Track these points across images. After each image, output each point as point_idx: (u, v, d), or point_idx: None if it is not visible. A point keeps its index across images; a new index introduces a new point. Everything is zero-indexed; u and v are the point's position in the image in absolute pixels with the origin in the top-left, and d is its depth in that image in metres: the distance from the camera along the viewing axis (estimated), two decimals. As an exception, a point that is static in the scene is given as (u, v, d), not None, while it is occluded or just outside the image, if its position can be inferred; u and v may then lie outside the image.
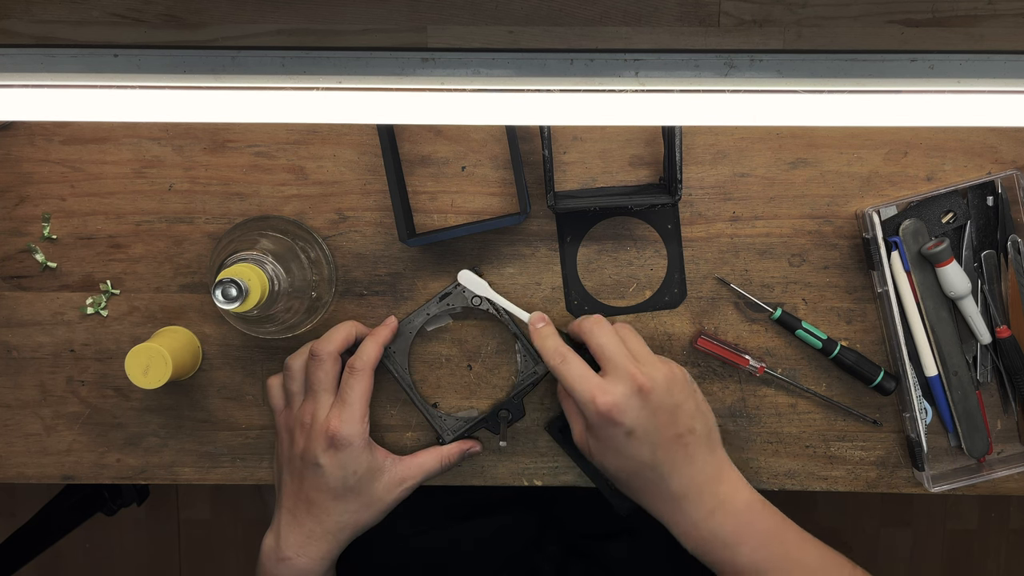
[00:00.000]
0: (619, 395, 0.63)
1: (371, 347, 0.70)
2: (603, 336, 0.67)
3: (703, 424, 0.67)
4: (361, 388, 0.68)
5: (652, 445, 0.64)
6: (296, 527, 0.69)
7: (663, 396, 0.64)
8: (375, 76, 0.49)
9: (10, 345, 0.75)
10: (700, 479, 0.65)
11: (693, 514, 0.65)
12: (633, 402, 0.64)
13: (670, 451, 0.65)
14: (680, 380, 0.66)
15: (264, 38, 0.70)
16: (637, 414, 0.64)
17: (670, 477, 0.65)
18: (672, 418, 0.65)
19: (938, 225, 0.72)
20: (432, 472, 0.73)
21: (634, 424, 0.63)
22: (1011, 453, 0.75)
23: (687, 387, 0.67)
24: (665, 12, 0.69)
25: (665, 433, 0.64)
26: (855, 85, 0.49)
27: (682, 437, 0.65)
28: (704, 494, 0.65)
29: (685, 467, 0.65)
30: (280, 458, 0.72)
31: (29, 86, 0.49)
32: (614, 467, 0.66)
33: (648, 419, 0.64)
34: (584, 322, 0.68)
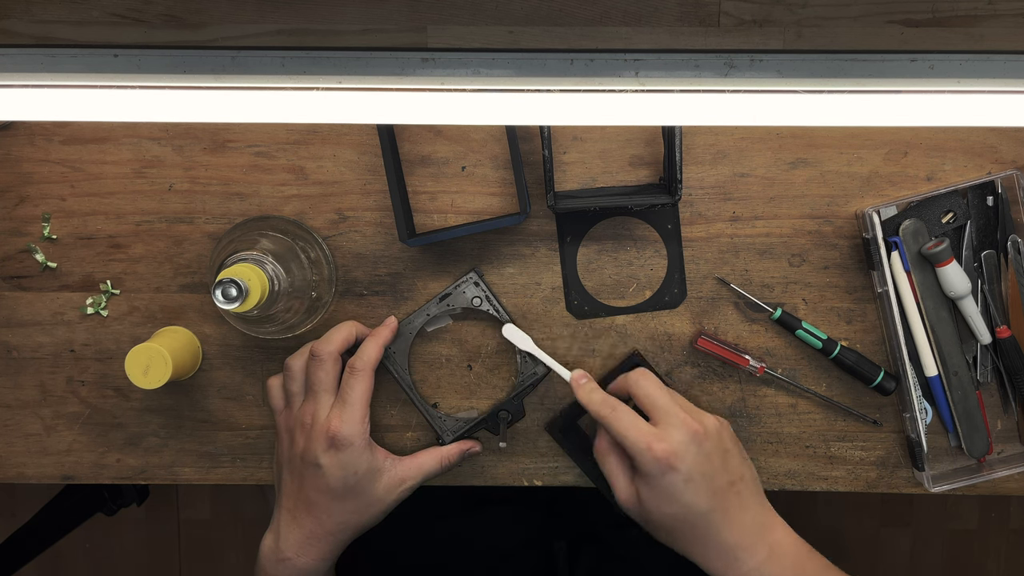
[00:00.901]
0: (676, 441, 0.64)
1: (372, 347, 0.70)
2: (651, 387, 0.67)
3: (750, 472, 0.68)
4: (362, 388, 0.68)
5: (709, 492, 0.64)
6: (296, 527, 0.69)
7: (716, 442, 0.65)
8: (375, 76, 0.49)
9: (10, 345, 0.75)
10: (752, 527, 0.65)
11: (747, 563, 0.65)
12: (691, 448, 0.64)
13: (725, 498, 0.65)
14: (727, 428, 0.68)
15: (264, 38, 0.70)
16: (694, 459, 0.64)
17: (724, 525, 0.65)
18: (725, 464, 0.65)
19: (938, 225, 0.72)
20: (432, 472, 0.73)
21: (691, 470, 0.63)
22: (1011, 453, 0.75)
23: (733, 435, 0.68)
24: (665, 12, 0.69)
25: (720, 480, 0.65)
26: (855, 85, 0.49)
27: (735, 484, 0.65)
28: (757, 543, 0.65)
29: (738, 515, 0.65)
30: (280, 458, 0.72)
31: (29, 86, 0.49)
32: (669, 517, 0.65)
33: (704, 464, 0.64)
34: (630, 375, 0.69)
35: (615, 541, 0.85)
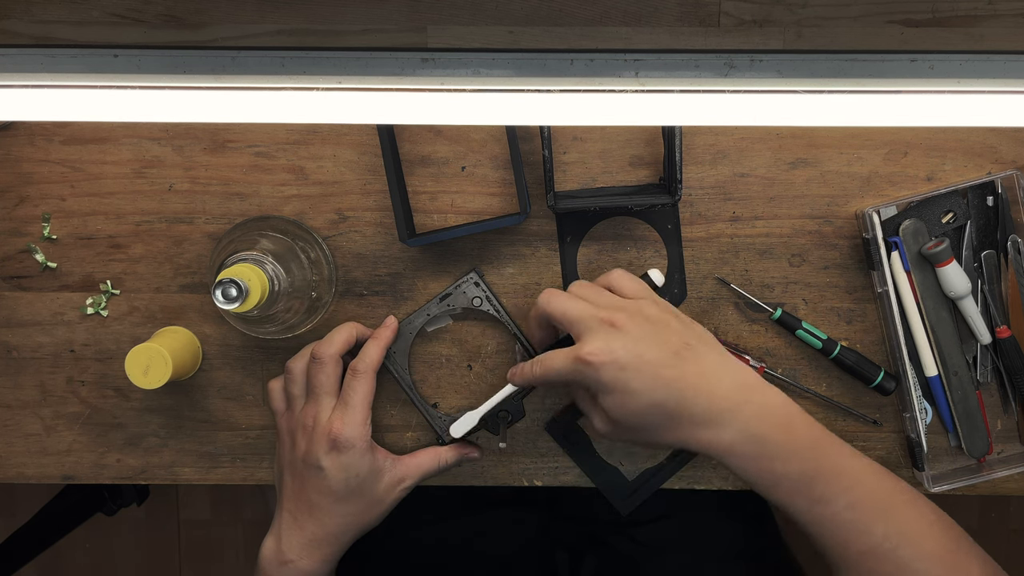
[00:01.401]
0: (596, 341, 0.61)
1: (373, 349, 0.70)
2: (562, 303, 0.64)
3: (697, 337, 0.63)
4: (364, 390, 0.69)
5: (652, 369, 0.60)
6: (297, 530, 0.69)
7: (638, 323, 0.61)
8: (375, 76, 0.49)
9: (10, 345, 0.75)
10: (722, 390, 0.61)
11: (734, 425, 0.60)
12: (612, 339, 0.60)
13: (676, 370, 0.60)
14: (649, 304, 0.63)
15: (264, 38, 0.70)
16: (622, 347, 0.60)
17: (694, 397, 0.60)
18: (658, 338, 0.61)
19: (938, 225, 0.72)
20: (430, 472, 0.73)
21: (622, 357, 0.60)
22: (1011, 453, 0.75)
23: (661, 307, 0.64)
24: (665, 12, 0.69)
25: (659, 353, 0.61)
26: (855, 85, 0.49)
27: (679, 353, 0.61)
28: (737, 404, 0.60)
29: (702, 382, 0.61)
30: (281, 460, 0.72)
31: (29, 86, 0.49)
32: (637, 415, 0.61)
33: (633, 346, 0.60)
34: (538, 300, 0.66)
35: (618, 542, 0.85)
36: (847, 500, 0.61)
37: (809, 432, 0.62)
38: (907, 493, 0.63)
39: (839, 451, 0.63)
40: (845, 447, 0.63)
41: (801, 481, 0.61)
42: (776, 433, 0.61)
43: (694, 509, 0.86)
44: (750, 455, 0.61)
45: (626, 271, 0.67)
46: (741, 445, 0.60)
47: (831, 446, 0.62)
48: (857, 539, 0.61)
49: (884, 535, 0.60)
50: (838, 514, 0.61)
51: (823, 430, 0.63)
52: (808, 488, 0.61)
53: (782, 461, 0.61)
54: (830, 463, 0.61)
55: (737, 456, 0.61)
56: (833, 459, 0.62)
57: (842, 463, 0.62)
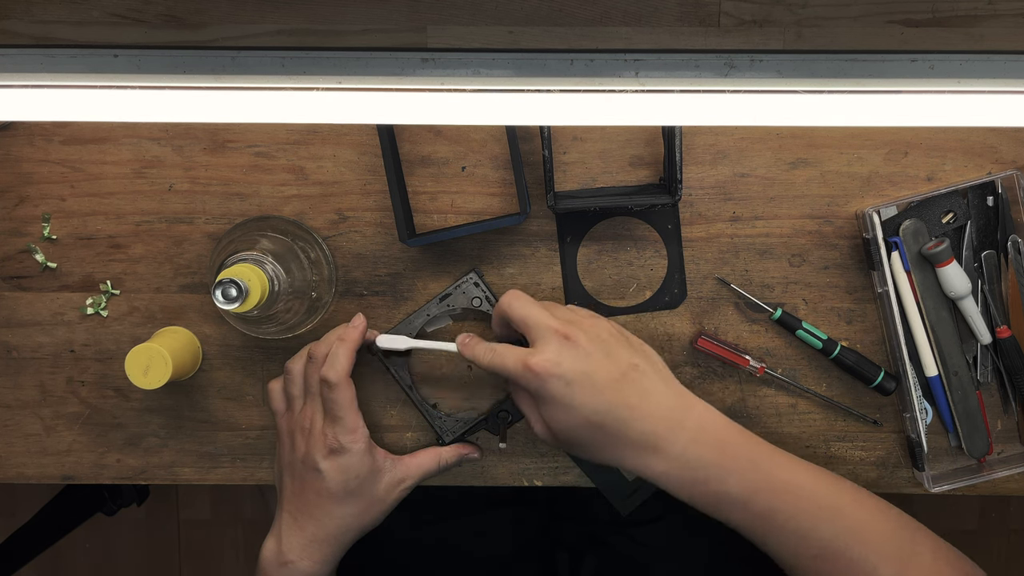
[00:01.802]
0: (548, 352, 0.61)
1: (342, 355, 0.69)
2: (522, 307, 0.65)
3: (645, 360, 0.64)
4: (344, 398, 0.68)
5: (597, 389, 0.61)
6: (298, 531, 0.69)
7: (591, 341, 0.62)
8: (375, 76, 0.49)
9: (10, 345, 0.75)
10: (662, 413, 0.62)
11: (668, 452, 0.61)
12: (564, 352, 0.61)
13: (619, 392, 0.61)
14: (605, 326, 0.64)
15: (264, 38, 0.70)
16: (571, 362, 0.61)
17: (631, 420, 0.61)
18: (608, 358, 0.62)
19: (938, 225, 0.72)
20: (430, 472, 0.73)
21: (569, 372, 0.61)
22: (1011, 453, 0.75)
23: (615, 330, 0.65)
24: (665, 12, 0.69)
25: (606, 373, 0.62)
26: (855, 85, 0.49)
27: (626, 375, 0.62)
28: (673, 429, 0.61)
29: (642, 404, 0.62)
30: (281, 461, 0.72)
31: (29, 86, 0.49)
32: (574, 429, 0.62)
33: (582, 363, 0.61)
34: (501, 301, 0.67)
35: (618, 543, 0.85)
36: (791, 510, 0.62)
37: (745, 449, 0.63)
38: (851, 492, 0.64)
39: (778, 463, 0.63)
40: (783, 457, 0.64)
41: (741, 498, 0.62)
42: (711, 455, 0.62)
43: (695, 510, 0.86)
44: (686, 480, 0.62)
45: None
46: (677, 471, 0.62)
47: (769, 459, 0.63)
48: (806, 545, 0.62)
49: (832, 536, 0.61)
50: (784, 525, 0.62)
51: (760, 444, 0.64)
52: (749, 504, 0.62)
53: (719, 482, 0.62)
54: (769, 477, 0.62)
55: (673, 480, 0.62)
56: (772, 472, 0.63)
57: (781, 475, 0.63)
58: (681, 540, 0.86)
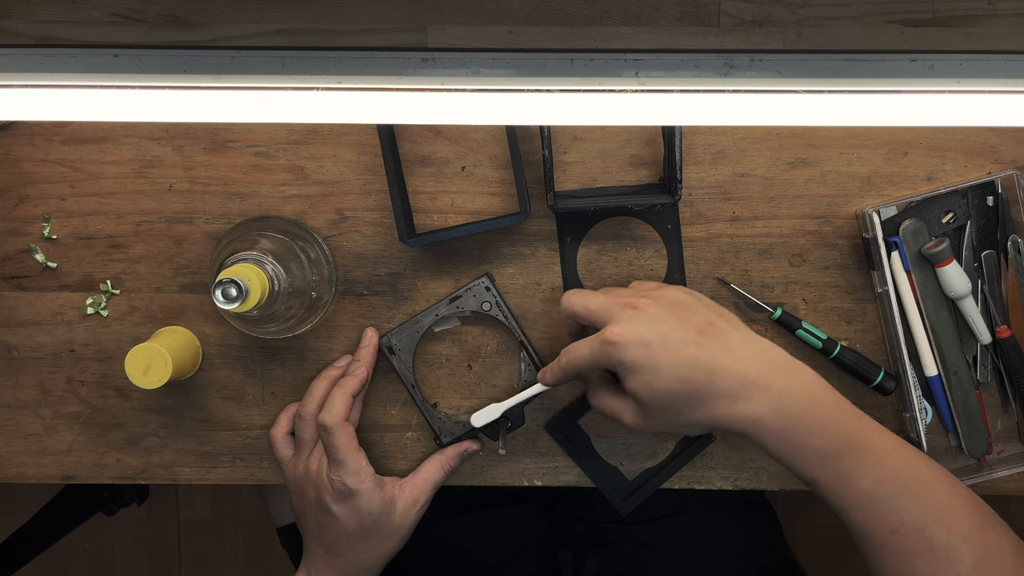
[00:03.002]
0: (620, 323, 0.60)
1: (339, 400, 0.70)
2: (583, 298, 0.64)
3: (720, 317, 0.62)
4: (344, 442, 0.69)
5: (676, 345, 0.59)
6: (327, 568, 0.72)
7: (660, 305, 0.61)
8: (375, 76, 0.49)
9: (10, 345, 0.75)
10: (749, 363, 0.60)
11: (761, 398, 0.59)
12: (635, 320, 0.60)
13: (701, 345, 0.60)
14: (674, 290, 0.64)
15: (264, 38, 0.70)
16: (643, 326, 0.60)
17: (718, 370, 0.59)
18: (682, 316, 0.61)
19: (938, 225, 0.72)
20: (439, 482, 0.74)
21: (647, 335, 0.60)
22: (1011, 453, 0.75)
23: (684, 293, 0.64)
24: (665, 12, 0.69)
25: (682, 331, 0.60)
26: (855, 85, 0.49)
27: (703, 331, 0.60)
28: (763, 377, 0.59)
29: (727, 355, 0.60)
30: (294, 507, 0.74)
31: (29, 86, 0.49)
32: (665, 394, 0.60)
33: (656, 326, 0.60)
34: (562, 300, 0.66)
35: (621, 541, 0.85)
36: (876, 476, 0.59)
37: (838, 407, 0.61)
38: (936, 471, 0.61)
39: (868, 427, 0.61)
40: (872, 422, 0.62)
41: (829, 456, 0.59)
42: (805, 407, 0.59)
43: (697, 509, 0.86)
44: (778, 429, 0.59)
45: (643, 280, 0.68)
46: (769, 418, 0.59)
47: (860, 421, 0.61)
48: (887, 517, 0.59)
49: (914, 513, 0.59)
50: (867, 491, 0.59)
51: (852, 406, 0.62)
52: (836, 463, 0.59)
53: (810, 435, 0.59)
54: (859, 438, 0.60)
55: (766, 430, 0.59)
56: (863, 434, 0.60)
57: (871, 439, 0.60)
58: (683, 539, 0.86)
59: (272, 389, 0.76)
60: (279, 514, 1.01)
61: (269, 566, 1.62)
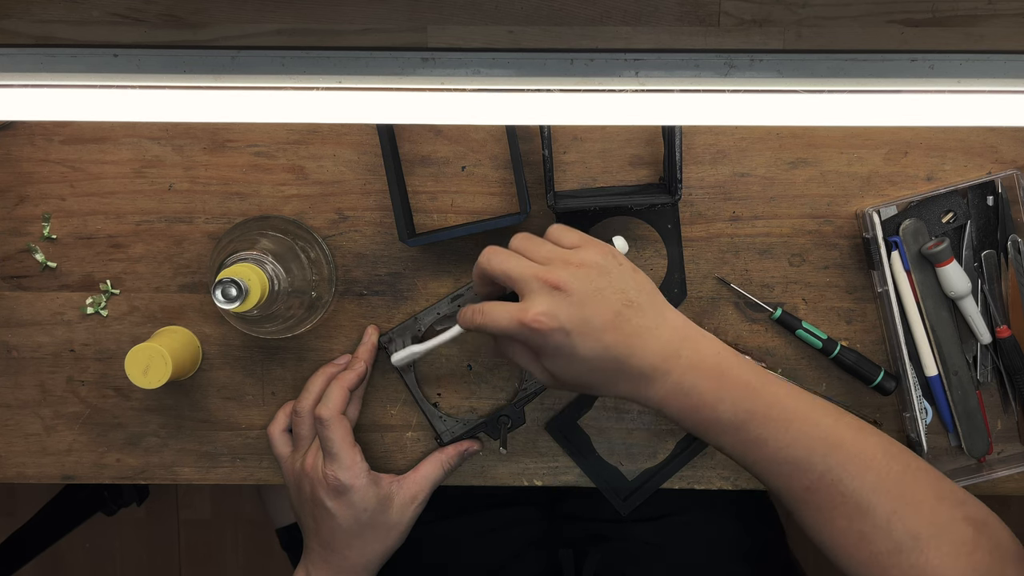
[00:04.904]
0: (541, 304, 0.60)
1: (337, 393, 0.70)
2: (501, 262, 0.62)
3: (638, 292, 0.62)
4: (339, 435, 0.69)
5: (595, 332, 0.60)
6: (324, 564, 0.72)
7: (581, 284, 0.61)
8: (375, 76, 0.49)
9: (10, 345, 0.75)
10: (657, 346, 0.61)
11: (664, 381, 0.61)
12: (557, 304, 0.60)
13: (617, 330, 0.60)
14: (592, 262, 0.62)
15: (264, 38, 0.70)
16: (564, 312, 0.60)
17: (629, 356, 0.60)
18: (601, 299, 0.61)
19: (938, 225, 0.72)
20: (438, 480, 0.74)
21: (568, 322, 0.60)
22: (1011, 453, 0.75)
23: (603, 264, 0.62)
24: (665, 12, 0.69)
25: (601, 317, 0.60)
26: (855, 85, 0.49)
27: (620, 314, 0.61)
28: (668, 359, 0.61)
29: (637, 341, 0.61)
30: (292, 504, 0.74)
31: (29, 86, 0.49)
32: (580, 375, 0.62)
33: (577, 310, 0.60)
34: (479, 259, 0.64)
35: (622, 540, 0.85)
36: (784, 439, 0.60)
37: (741, 376, 0.61)
38: (850, 427, 0.62)
39: (775, 392, 0.62)
40: (783, 387, 0.62)
41: (735, 424, 0.60)
42: (706, 382, 0.60)
43: (697, 509, 0.86)
44: (682, 406, 0.61)
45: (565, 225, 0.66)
46: (673, 398, 0.61)
47: (764, 387, 0.62)
48: (799, 475, 0.60)
49: (825, 468, 0.60)
50: (776, 453, 0.60)
51: (759, 372, 0.62)
52: (742, 431, 0.60)
53: (712, 408, 0.60)
54: (763, 405, 0.61)
55: (670, 407, 0.61)
56: (767, 400, 0.61)
57: (777, 403, 0.61)
58: (683, 539, 0.86)
59: (272, 389, 0.76)
60: (278, 515, 1.01)
61: (269, 566, 1.62)
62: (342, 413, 0.70)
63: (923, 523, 0.58)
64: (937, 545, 0.58)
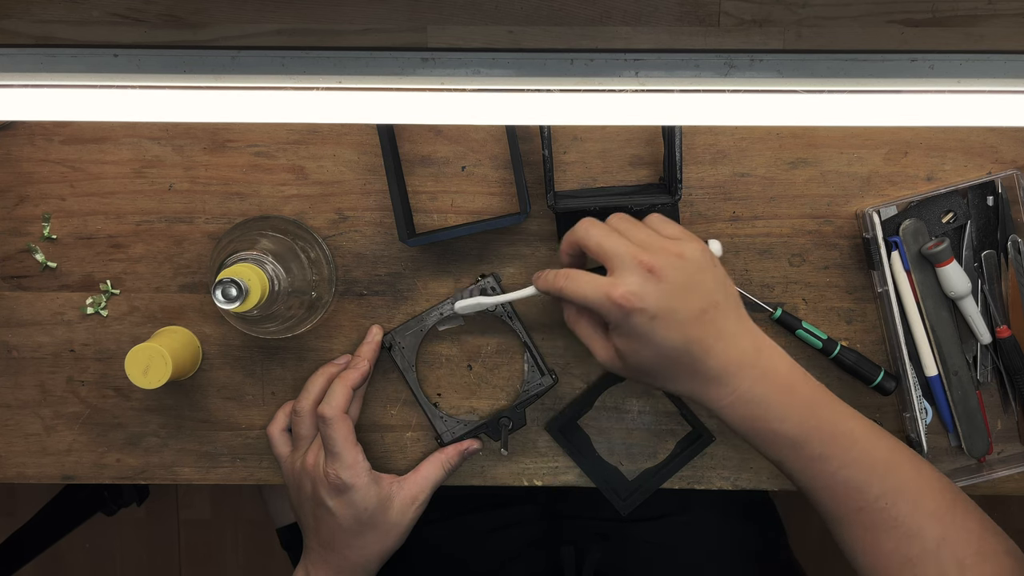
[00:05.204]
0: (632, 283, 0.60)
1: (340, 391, 0.70)
2: (599, 235, 0.63)
3: (726, 298, 0.63)
4: (341, 434, 0.69)
5: (679, 324, 0.61)
6: (323, 563, 0.72)
7: (676, 274, 0.61)
8: (375, 76, 0.49)
9: (10, 345, 0.75)
10: (735, 353, 0.62)
11: (735, 389, 0.62)
12: (648, 286, 0.60)
13: (699, 327, 0.61)
14: (691, 253, 0.63)
15: (264, 38, 0.70)
16: (656, 296, 0.60)
17: (706, 356, 0.61)
18: (691, 294, 0.62)
19: (938, 225, 0.72)
20: (439, 481, 0.74)
21: (655, 306, 0.60)
22: (1011, 453, 0.75)
23: (702, 261, 0.63)
24: (665, 12, 0.69)
25: (688, 310, 0.61)
26: (855, 85, 0.49)
27: (707, 312, 0.62)
28: (743, 367, 0.62)
29: (718, 342, 0.62)
30: (292, 503, 0.74)
31: (29, 86, 0.49)
32: (649, 360, 0.62)
33: (667, 298, 0.61)
34: (576, 228, 0.65)
35: (623, 539, 0.85)
36: (843, 459, 0.62)
37: (810, 394, 0.63)
38: (905, 453, 0.63)
39: (839, 412, 0.63)
40: (846, 409, 0.64)
41: (796, 440, 0.61)
42: (776, 395, 0.62)
43: (697, 508, 0.86)
44: (747, 415, 0.62)
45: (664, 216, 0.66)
46: (740, 405, 0.62)
47: (828, 406, 0.63)
48: (853, 496, 0.61)
49: (880, 493, 0.61)
50: (834, 472, 0.62)
51: (824, 391, 0.64)
52: (804, 447, 0.62)
53: (779, 421, 0.61)
54: (828, 423, 0.62)
55: (733, 414, 0.62)
56: (831, 419, 0.62)
57: (840, 423, 0.63)
58: (684, 538, 0.86)
59: (272, 389, 0.76)
60: (278, 514, 1.01)
61: (269, 566, 1.62)
62: (345, 412, 0.70)
63: (970, 552, 0.60)
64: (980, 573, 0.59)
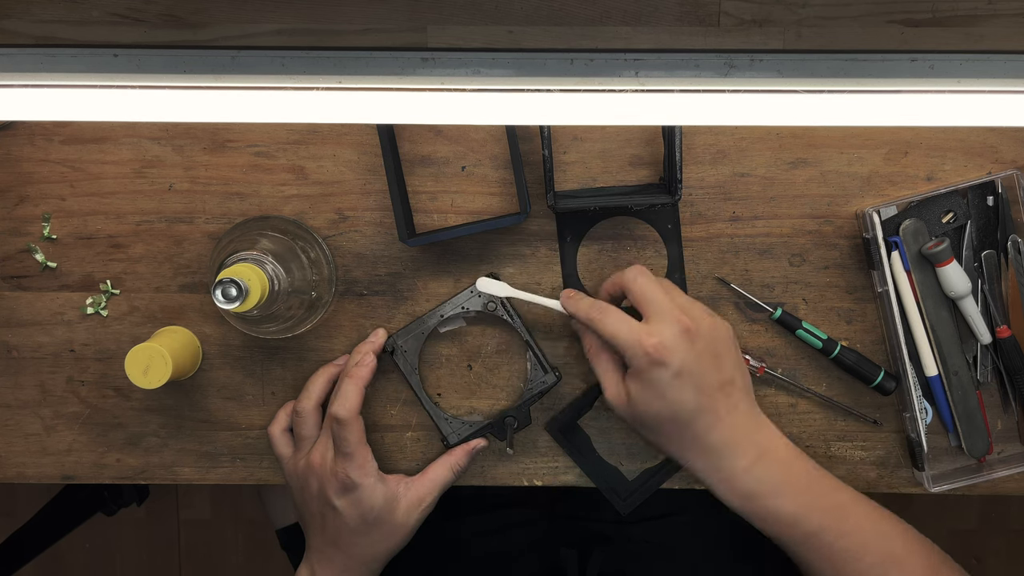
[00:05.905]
0: (666, 336, 0.62)
1: (353, 392, 0.70)
2: (646, 283, 0.65)
3: (743, 379, 0.66)
4: (354, 435, 0.69)
5: (696, 389, 0.63)
6: (327, 562, 0.72)
7: (708, 341, 0.64)
8: (375, 76, 0.49)
9: (10, 345, 0.75)
10: (740, 430, 0.65)
11: (734, 465, 0.64)
12: (681, 344, 0.62)
13: (713, 398, 0.63)
14: (723, 329, 0.66)
15: (264, 38, 0.70)
16: (684, 355, 0.62)
17: (712, 427, 0.64)
18: (716, 364, 0.64)
19: (938, 225, 0.72)
20: (447, 483, 0.74)
21: (681, 365, 0.62)
22: (1011, 453, 0.75)
23: (730, 338, 0.66)
24: (665, 12, 0.69)
25: (709, 379, 0.63)
26: (855, 85, 0.49)
27: (725, 386, 0.64)
28: (744, 445, 0.64)
29: (727, 416, 0.64)
30: (295, 503, 0.74)
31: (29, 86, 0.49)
32: (656, 415, 0.64)
33: (694, 361, 0.63)
34: (626, 272, 0.67)
35: (624, 540, 0.85)
36: (839, 530, 0.65)
37: (806, 471, 0.67)
38: (892, 520, 0.68)
39: (832, 486, 0.67)
40: (836, 481, 0.68)
41: (793, 516, 0.65)
42: (773, 473, 0.65)
43: (697, 508, 0.86)
44: (744, 491, 0.65)
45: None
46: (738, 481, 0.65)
47: (821, 480, 0.67)
48: (851, 566, 0.65)
49: (874, 561, 0.65)
50: (830, 544, 0.65)
51: (818, 467, 0.67)
52: (802, 522, 0.65)
53: (774, 497, 0.65)
54: (824, 498, 0.66)
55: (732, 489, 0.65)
56: (827, 494, 0.66)
57: (835, 497, 0.66)
58: (684, 538, 0.86)
59: (272, 389, 0.76)
60: (278, 515, 1.01)
61: (269, 566, 1.62)
62: (359, 412, 0.70)
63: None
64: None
